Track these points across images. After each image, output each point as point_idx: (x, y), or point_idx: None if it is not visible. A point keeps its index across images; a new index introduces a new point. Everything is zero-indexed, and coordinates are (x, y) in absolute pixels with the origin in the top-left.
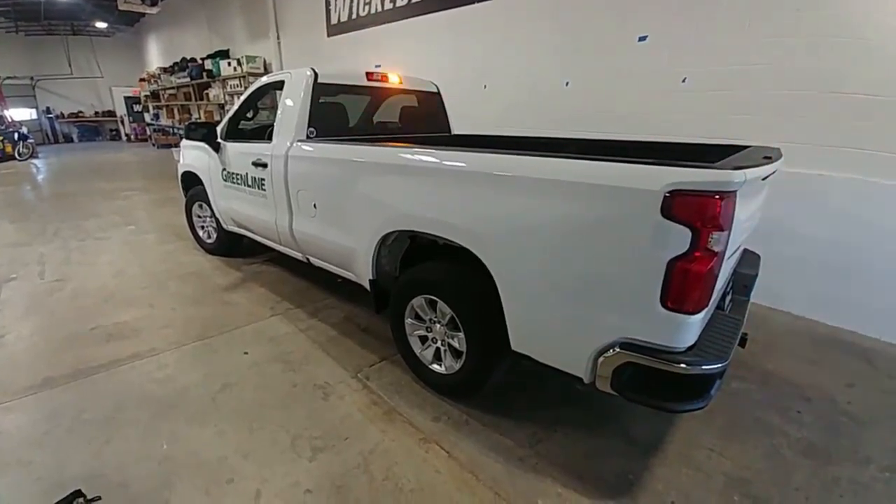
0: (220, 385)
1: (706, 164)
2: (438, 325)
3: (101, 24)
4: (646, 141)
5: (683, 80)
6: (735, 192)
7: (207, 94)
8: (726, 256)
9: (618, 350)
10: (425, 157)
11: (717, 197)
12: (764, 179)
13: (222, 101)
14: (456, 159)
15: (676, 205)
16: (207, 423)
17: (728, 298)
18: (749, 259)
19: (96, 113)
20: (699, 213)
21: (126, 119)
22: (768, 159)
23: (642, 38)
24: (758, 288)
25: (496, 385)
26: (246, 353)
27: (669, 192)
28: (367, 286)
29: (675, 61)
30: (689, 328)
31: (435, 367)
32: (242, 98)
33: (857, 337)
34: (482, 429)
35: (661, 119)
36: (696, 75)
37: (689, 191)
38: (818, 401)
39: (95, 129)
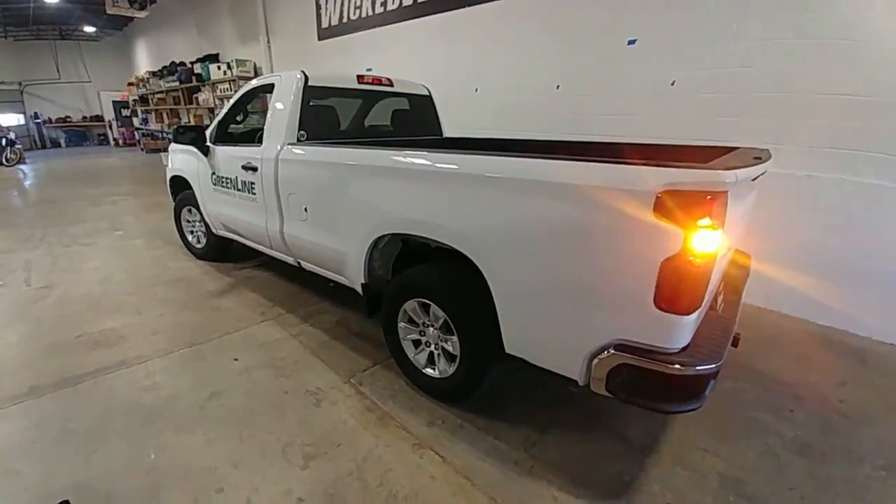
0: (209, 392)
1: (697, 165)
2: (432, 329)
3: (89, 29)
4: (636, 143)
5: (672, 83)
6: (726, 191)
7: (197, 98)
8: (718, 256)
9: (612, 352)
10: (417, 159)
11: (709, 197)
12: (754, 180)
13: (212, 105)
14: (447, 161)
15: (668, 205)
16: (196, 431)
17: (720, 299)
18: (740, 259)
19: (84, 118)
20: (691, 212)
21: (114, 123)
22: (758, 160)
23: (631, 42)
24: (748, 288)
25: (491, 388)
26: (236, 359)
27: (661, 193)
28: (360, 290)
29: (664, 64)
30: (683, 329)
31: (428, 371)
32: (232, 101)
33: (848, 336)
34: (477, 433)
35: (650, 121)
36: (685, 78)
37: (680, 191)
38: (811, 400)
39: (83, 133)
